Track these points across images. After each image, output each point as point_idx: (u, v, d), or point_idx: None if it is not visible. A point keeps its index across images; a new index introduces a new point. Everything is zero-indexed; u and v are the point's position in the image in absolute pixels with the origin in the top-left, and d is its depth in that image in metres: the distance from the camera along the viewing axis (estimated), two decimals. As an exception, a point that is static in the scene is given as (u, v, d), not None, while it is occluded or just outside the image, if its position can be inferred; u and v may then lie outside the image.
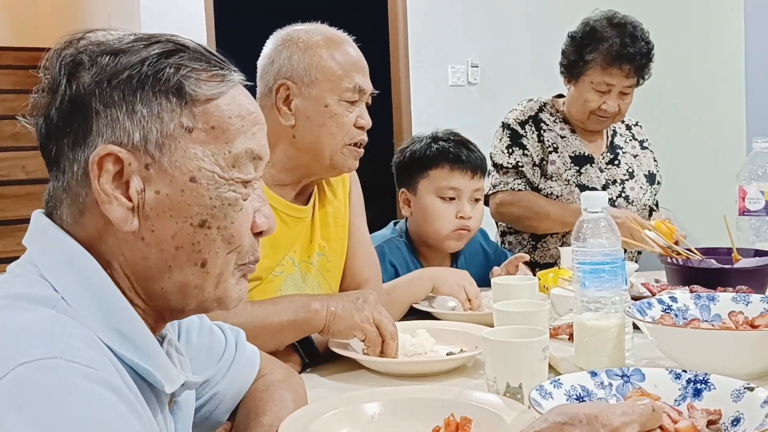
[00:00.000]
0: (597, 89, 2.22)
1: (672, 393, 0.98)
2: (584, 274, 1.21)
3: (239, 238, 0.81)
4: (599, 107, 2.23)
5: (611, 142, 2.41)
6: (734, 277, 1.53)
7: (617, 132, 2.44)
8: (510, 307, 1.32)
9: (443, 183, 1.93)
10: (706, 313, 1.28)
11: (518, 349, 1.07)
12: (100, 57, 0.77)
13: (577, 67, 2.24)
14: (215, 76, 0.80)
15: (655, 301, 1.29)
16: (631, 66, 2.19)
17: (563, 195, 2.27)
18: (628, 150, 2.42)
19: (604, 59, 2.19)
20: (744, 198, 1.92)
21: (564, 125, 2.37)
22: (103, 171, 0.75)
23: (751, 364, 1.09)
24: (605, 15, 2.26)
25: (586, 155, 2.33)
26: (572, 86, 2.30)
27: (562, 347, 1.32)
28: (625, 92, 2.24)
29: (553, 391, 0.97)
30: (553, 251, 2.30)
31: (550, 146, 2.32)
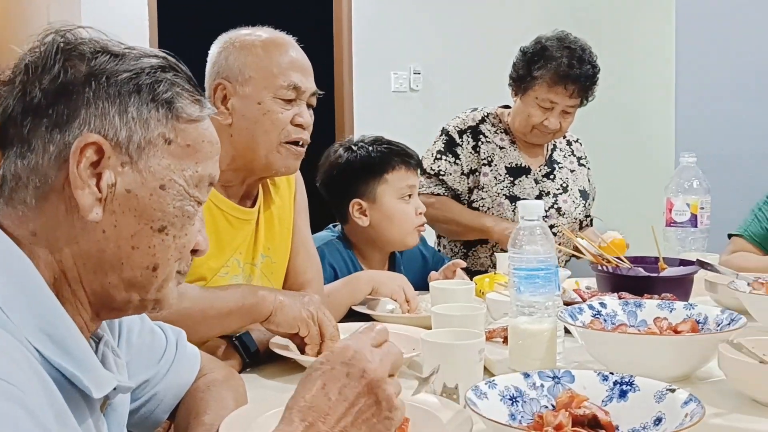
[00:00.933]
0: (541, 105, 2.29)
1: (600, 394, 1.02)
2: (519, 279, 1.25)
3: (187, 250, 0.85)
4: (541, 123, 2.30)
5: (550, 156, 2.48)
6: (660, 285, 1.60)
7: (557, 147, 2.52)
8: (448, 310, 1.36)
9: (402, 183, 1.95)
10: (633, 319, 1.34)
11: (455, 351, 1.10)
12: (101, 54, 0.80)
13: (525, 81, 2.31)
14: (197, 102, 0.85)
15: (585, 306, 1.34)
16: (576, 87, 2.26)
17: (493, 207, 2.34)
18: (566, 165, 2.49)
19: (550, 77, 2.26)
20: (671, 210, 2.01)
21: (504, 136, 2.43)
22: (83, 157, 0.77)
23: (673, 367, 1.15)
24: (558, 35, 2.34)
25: (523, 166, 2.40)
26: (518, 99, 2.36)
27: (497, 350, 1.37)
28: (568, 111, 2.30)
29: (488, 392, 1.01)
30: (483, 259, 2.37)
31: (485, 159, 2.38)
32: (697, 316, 1.30)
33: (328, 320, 1.36)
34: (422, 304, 1.75)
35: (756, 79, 3.37)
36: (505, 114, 2.46)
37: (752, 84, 3.39)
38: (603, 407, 1.01)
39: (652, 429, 0.95)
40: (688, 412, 0.92)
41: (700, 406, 0.91)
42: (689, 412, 0.91)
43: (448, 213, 2.36)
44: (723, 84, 3.49)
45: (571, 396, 1.01)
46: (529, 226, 1.25)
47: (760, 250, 2.31)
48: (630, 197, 4.02)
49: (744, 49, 3.42)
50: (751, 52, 3.39)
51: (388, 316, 1.65)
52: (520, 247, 1.25)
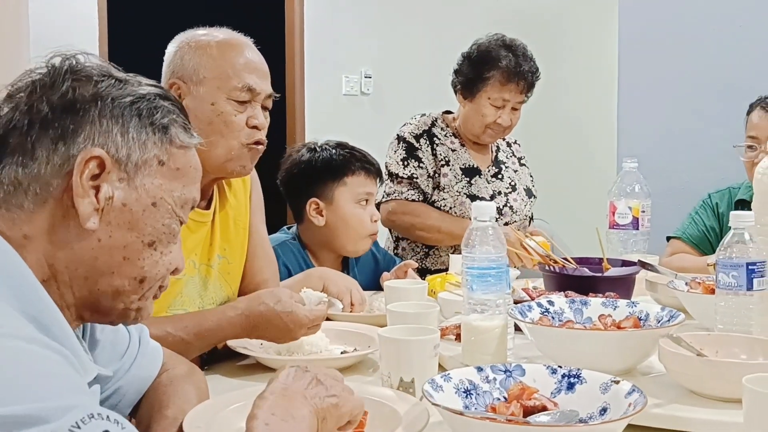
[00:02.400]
0: (494, 104, 2.38)
1: (549, 386, 1.08)
2: (472, 278, 1.30)
3: (172, 266, 0.92)
4: (494, 121, 2.38)
5: (496, 156, 2.56)
6: (604, 284, 1.67)
7: (500, 148, 2.59)
8: (403, 308, 1.40)
9: (360, 189, 1.99)
10: (579, 316, 1.40)
11: (411, 347, 1.15)
12: (106, 78, 0.87)
13: (476, 83, 2.38)
14: (187, 130, 0.93)
15: (534, 304, 1.40)
16: (525, 82, 2.37)
17: (455, 206, 2.39)
18: (510, 165, 2.57)
19: (502, 76, 2.35)
20: (614, 213, 2.09)
21: (454, 139, 2.49)
22: (86, 168, 0.83)
23: (617, 361, 1.21)
24: (497, 37, 2.43)
25: (474, 167, 2.46)
26: (468, 103, 2.43)
27: (450, 346, 1.41)
28: (516, 107, 2.41)
29: (444, 385, 1.05)
30: (444, 258, 2.41)
31: (443, 159, 2.44)
32: (639, 314, 1.36)
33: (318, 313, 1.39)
34: (376, 303, 1.79)
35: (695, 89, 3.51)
36: (449, 119, 2.53)
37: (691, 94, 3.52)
38: (552, 399, 1.06)
39: (598, 418, 1.01)
40: (631, 402, 0.97)
41: (642, 396, 0.97)
42: (632, 402, 0.97)
43: (428, 220, 2.38)
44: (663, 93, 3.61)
45: (522, 388, 1.06)
46: (482, 226, 1.30)
47: (696, 252, 2.42)
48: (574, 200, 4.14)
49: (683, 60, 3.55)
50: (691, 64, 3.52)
51: (344, 315, 1.68)
52: (472, 247, 1.30)
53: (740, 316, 1.26)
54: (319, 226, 1.99)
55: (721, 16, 3.46)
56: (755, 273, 1.25)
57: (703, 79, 3.48)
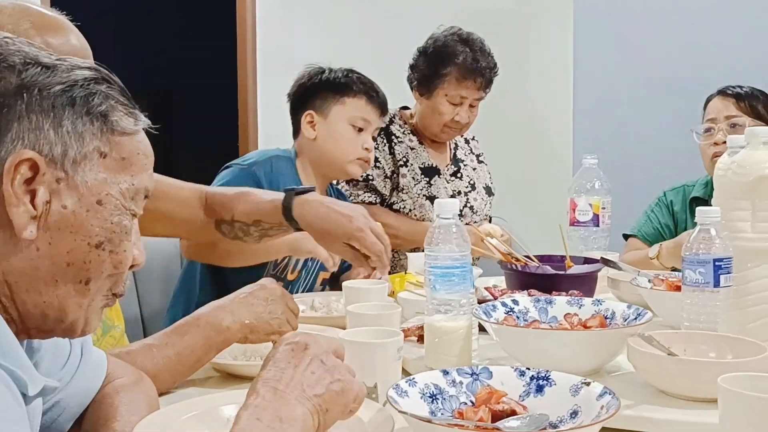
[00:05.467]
0: (451, 101, 2.32)
1: (517, 389, 1.04)
2: (435, 277, 1.25)
3: (124, 265, 0.83)
4: (452, 119, 2.33)
5: (454, 155, 2.52)
6: (566, 282, 1.64)
7: (459, 145, 2.55)
8: (364, 309, 1.35)
9: (357, 113, 2.03)
10: (545, 315, 1.37)
11: (374, 350, 1.10)
12: (32, 66, 0.77)
13: (433, 80, 2.33)
14: (131, 115, 0.83)
15: (498, 304, 1.36)
16: (483, 79, 2.32)
17: (414, 208, 2.33)
18: (468, 163, 2.53)
19: (459, 72, 2.30)
20: (574, 210, 2.06)
21: (413, 137, 2.44)
22: (17, 174, 0.74)
23: (585, 361, 1.18)
24: (453, 31, 2.37)
25: (433, 167, 2.42)
26: (424, 100, 2.38)
27: (412, 348, 1.37)
28: (474, 104, 2.36)
29: (409, 390, 1.00)
30: (403, 261, 2.36)
31: (401, 159, 2.38)
32: (605, 312, 1.33)
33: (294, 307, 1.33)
34: (335, 304, 1.73)
35: (651, 87, 3.53)
36: (407, 115, 2.48)
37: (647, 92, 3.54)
38: (521, 402, 1.02)
39: (569, 422, 0.97)
40: (603, 405, 0.94)
41: (615, 398, 0.94)
42: (605, 405, 0.94)
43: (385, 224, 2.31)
44: (619, 90, 3.63)
45: (489, 392, 1.02)
46: (445, 224, 1.26)
47: (651, 248, 2.41)
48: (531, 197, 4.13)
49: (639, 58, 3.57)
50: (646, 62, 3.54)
51: (302, 317, 1.62)
52: (435, 246, 1.25)
53: (707, 314, 1.24)
54: (311, 140, 2.03)
55: (675, 14, 3.48)
56: (722, 269, 1.23)
57: (659, 77, 3.50)
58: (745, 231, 1.28)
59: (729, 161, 1.32)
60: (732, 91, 2.30)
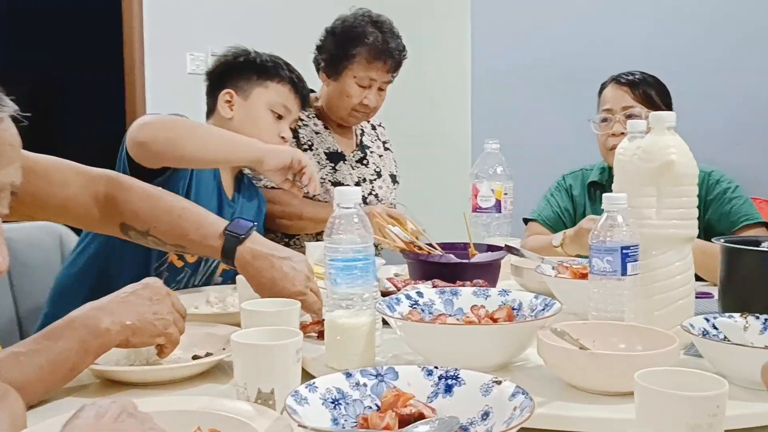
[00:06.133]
0: (360, 84, 2.25)
1: (425, 390, 0.97)
2: (336, 271, 1.17)
3: None
4: (360, 102, 2.26)
5: (360, 141, 2.44)
6: (471, 270, 1.60)
7: (365, 131, 2.48)
8: (259, 306, 1.25)
9: (279, 99, 1.95)
10: (450, 307, 1.31)
11: (270, 353, 1.00)
12: None
13: (341, 61, 2.24)
14: None
15: (402, 296, 1.29)
16: (393, 61, 2.25)
17: (320, 194, 2.24)
18: (375, 150, 2.46)
19: (368, 53, 2.22)
20: (476, 196, 2.02)
21: (318, 121, 2.35)
22: None
23: (493, 355, 1.13)
24: (362, 13, 2.29)
25: (339, 152, 2.33)
26: (331, 82, 2.30)
27: (312, 346, 1.29)
28: (382, 88, 2.30)
29: (309, 396, 0.92)
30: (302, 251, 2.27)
31: (306, 144, 2.29)
32: (512, 303, 1.29)
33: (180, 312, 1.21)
34: (230, 299, 1.63)
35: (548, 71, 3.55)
36: (312, 98, 2.38)
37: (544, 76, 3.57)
38: (429, 404, 0.96)
39: (480, 424, 0.91)
40: (516, 405, 0.88)
41: (528, 398, 0.88)
42: (518, 405, 0.88)
43: (288, 207, 2.20)
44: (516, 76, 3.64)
45: (396, 395, 0.95)
46: (346, 214, 1.18)
47: (551, 232, 2.40)
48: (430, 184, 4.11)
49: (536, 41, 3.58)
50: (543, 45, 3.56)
51: (193, 314, 1.51)
52: (336, 237, 1.17)
53: (614, 303, 1.21)
54: (226, 120, 1.94)
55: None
56: (629, 257, 1.20)
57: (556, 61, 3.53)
58: (650, 218, 1.26)
59: (634, 147, 1.29)
60: (625, 80, 2.31)
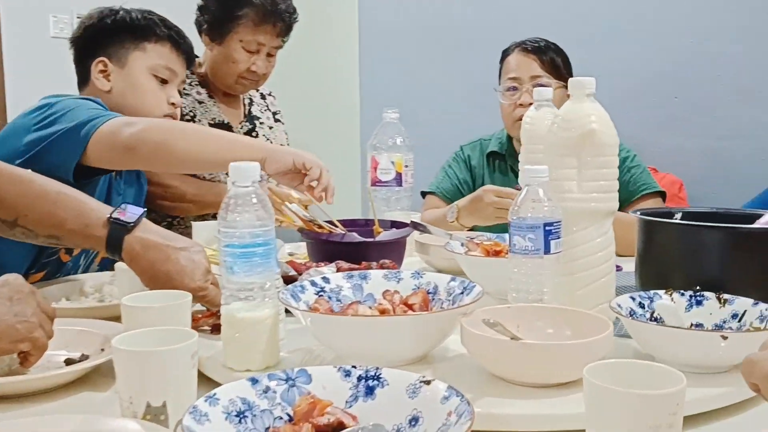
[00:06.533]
0: (247, 48, 2.08)
1: (343, 393, 0.85)
2: (233, 258, 1.03)
3: None
4: (248, 68, 2.10)
5: (249, 111, 2.27)
6: (376, 250, 1.48)
7: (254, 101, 2.31)
8: (142, 300, 1.09)
9: (161, 61, 1.74)
10: (360, 293, 1.19)
11: (160, 360, 0.85)
12: None
13: (226, 24, 2.06)
14: None
15: (307, 283, 1.16)
16: (282, 24, 2.09)
17: (206, 174, 2.06)
18: (265, 121, 2.30)
19: (256, 15, 2.05)
20: (376, 168, 1.91)
21: (201, 89, 2.17)
22: None
23: (413, 348, 1.03)
24: None
25: (225, 123, 2.16)
26: (216, 46, 2.12)
27: (205, 342, 1.13)
28: (272, 53, 2.14)
29: (209, 411, 0.78)
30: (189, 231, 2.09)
31: (188, 114, 2.10)
32: (427, 286, 1.18)
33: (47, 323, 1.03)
34: (109, 287, 1.45)
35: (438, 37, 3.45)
36: (195, 64, 2.19)
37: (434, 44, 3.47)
38: (348, 410, 0.84)
39: (408, 430, 0.80)
40: (451, 410, 0.78)
41: (465, 401, 0.78)
42: (453, 410, 0.78)
43: (169, 188, 2.00)
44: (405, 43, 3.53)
45: (311, 402, 0.82)
46: (243, 193, 1.03)
47: (450, 206, 2.33)
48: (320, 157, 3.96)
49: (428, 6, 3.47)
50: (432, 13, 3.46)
51: (65, 308, 1.32)
52: (231, 219, 1.03)
53: (536, 283, 1.13)
54: (104, 93, 1.71)
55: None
56: (552, 234, 1.12)
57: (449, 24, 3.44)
58: (571, 191, 1.17)
59: (545, 115, 1.20)
60: (531, 46, 2.24)
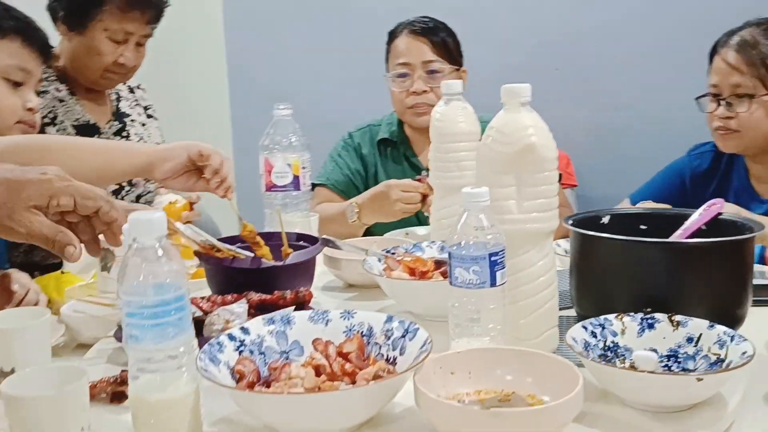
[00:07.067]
0: (113, 38, 1.86)
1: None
2: (141, 329, 0.85)
3: None
4: (115, 61, 1.87)
5: (117, 108, 2.03)
6: (286, 274, 1.33)
7: (121, 96, 2.07)
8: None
9: (11, 61, 1.58)
10: (284, 342, 1.04)
11: None
12: None
13: (87, 11, 1.83)
14: None
15: (225, 338, 1.00)
16: (152, 10, 1.89)
17: None
18: (136, 117, 2.07)
19: (122, 1, 1.82)
20: (270, 172, 1.74)
21: (60, 85, 1.91)
22: None
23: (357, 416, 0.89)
24: None
25: (91, 124, 1.92)
26: (75, 36, 1.88)
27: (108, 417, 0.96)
28: (141, 42, 1.92)
29: None
30: None
31: (46, 115, 1.85)
32: (360, 327, 1.05)
33: None
34: None
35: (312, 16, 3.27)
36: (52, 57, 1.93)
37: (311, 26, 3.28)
38: None
39: None
40: None
41: None
42: None
43: None
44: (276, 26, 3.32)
45: None
46: (144, 246, 0.85)
47: (343, 198, 2.20)
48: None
49: None
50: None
51: None
52: (133, 285, 0.84)
53: (482, 318, 1.02)
54: None
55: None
56: (498, 265, 1.01)
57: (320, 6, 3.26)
58: (511, 211, 1.07)
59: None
60: (420, 28, 2.13)
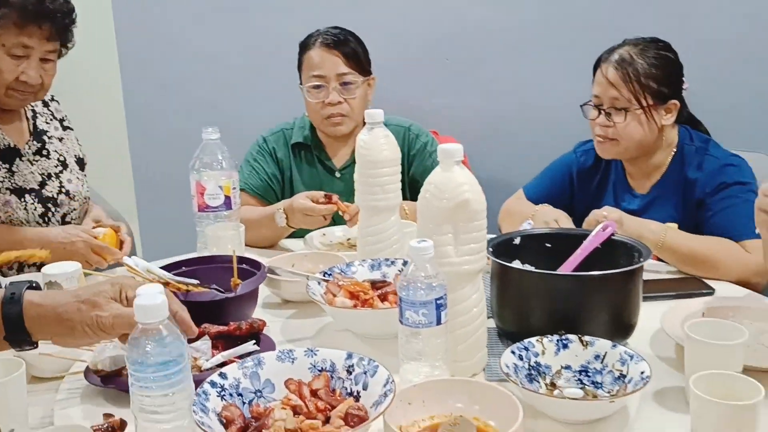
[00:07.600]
0: (13, 54, 1.84)
1: None
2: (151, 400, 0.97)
3: None
4: (17, 78, 1.86)
5: (34, 126, 2.03)
6: (239, 305, 1.45)
7: (37, 112, 2.07)
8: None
9: None
10: (257, 381, 1.17)
11: None
12: None
13: None
14: None
15: (207, 386, 1.11)
16: (52, 25, 1.87)
17: None
18: (53, 133, 2.08)
19: (19, 16, 1.82)
20: (203, 194, 1.83)
21: None
22: None
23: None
24: None
25: (11, 147, 1.92)
26: None
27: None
28: (48, 59, 1.90)
29: None
30: None
31: None
32: (323, 364, 1.20)
33: None
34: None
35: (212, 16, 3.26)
36: None
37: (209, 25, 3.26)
38: None
39: None
40: None
41: None
42: None
43: None
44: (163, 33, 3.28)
45: None
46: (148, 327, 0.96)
47: (262, 203, 2.28)
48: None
49: None
50: None
51: None
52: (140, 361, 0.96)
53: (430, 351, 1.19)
54: None
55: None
56: (442, 306, 1.18)
57: None
58: (449, 255, 1.24)
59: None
60: (331, 40, 2.23)
